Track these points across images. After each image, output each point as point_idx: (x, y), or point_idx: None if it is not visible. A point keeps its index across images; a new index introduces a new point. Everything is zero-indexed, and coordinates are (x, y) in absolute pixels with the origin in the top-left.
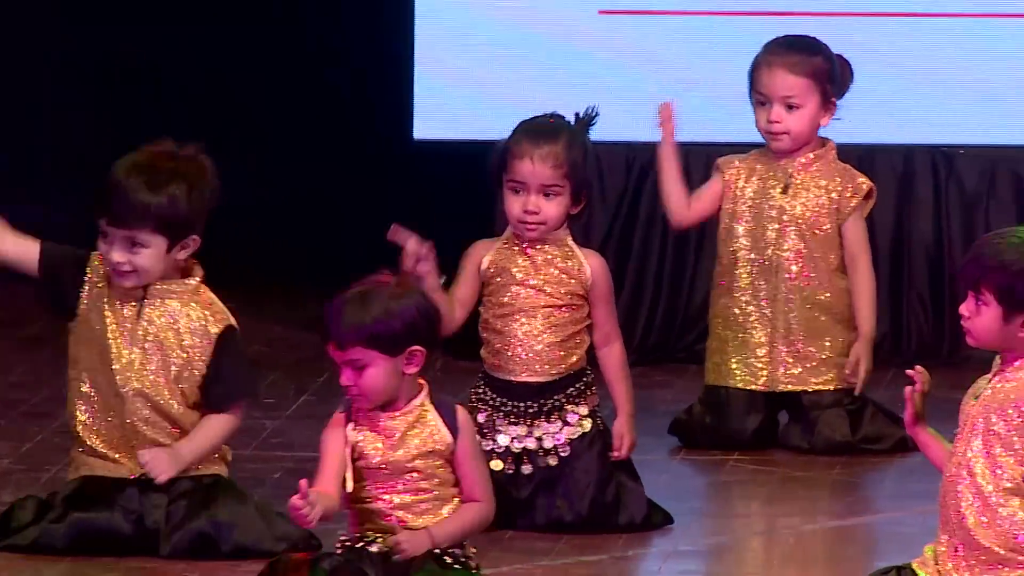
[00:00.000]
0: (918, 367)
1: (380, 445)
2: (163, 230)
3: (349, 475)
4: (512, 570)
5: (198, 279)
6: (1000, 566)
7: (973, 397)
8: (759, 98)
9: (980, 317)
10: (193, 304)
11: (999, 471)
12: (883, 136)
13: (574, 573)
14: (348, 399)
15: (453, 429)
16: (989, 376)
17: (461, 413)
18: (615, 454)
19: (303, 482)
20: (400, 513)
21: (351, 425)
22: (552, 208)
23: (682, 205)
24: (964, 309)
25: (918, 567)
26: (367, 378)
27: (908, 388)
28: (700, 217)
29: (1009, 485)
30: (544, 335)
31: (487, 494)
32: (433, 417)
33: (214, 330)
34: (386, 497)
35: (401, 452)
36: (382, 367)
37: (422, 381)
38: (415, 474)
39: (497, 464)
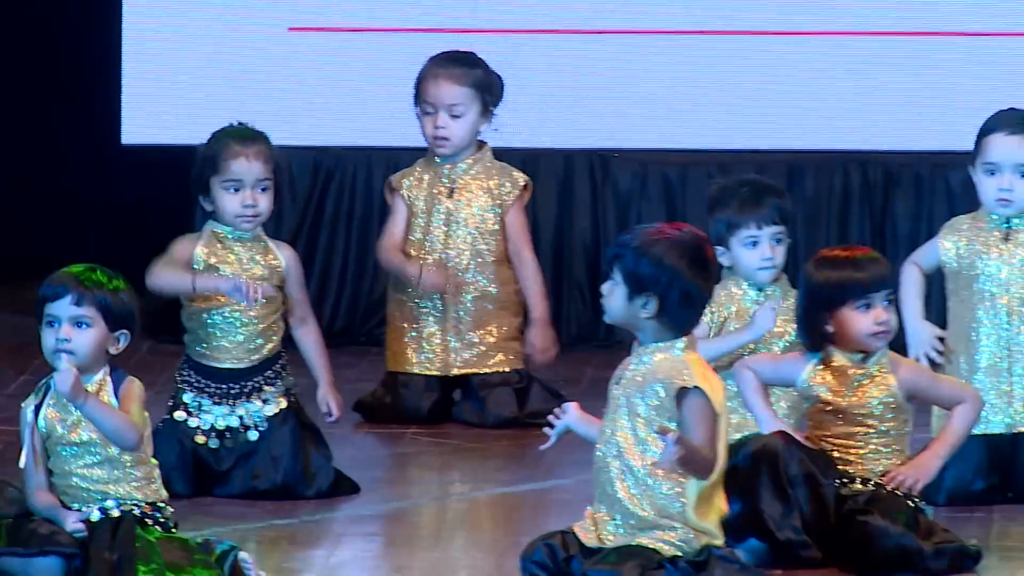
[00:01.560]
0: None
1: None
2: None
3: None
4: (211, 532)
5: None
6: (654, 530)
7: (617, 380)
8: (425, 108)
9: (612, 296)
10: None
11: (645, 449)
12: (545, 141)
13: (266, 535)
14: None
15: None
16: (631, 359)
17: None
18: None
19: None
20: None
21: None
22: (265, 201)
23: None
24: (603, 288)
25: (579, 531)
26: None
27: None
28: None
29: (650, 458)
30: (247, 326)
31: None
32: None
33: None
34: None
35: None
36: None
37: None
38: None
39: (201, 439)
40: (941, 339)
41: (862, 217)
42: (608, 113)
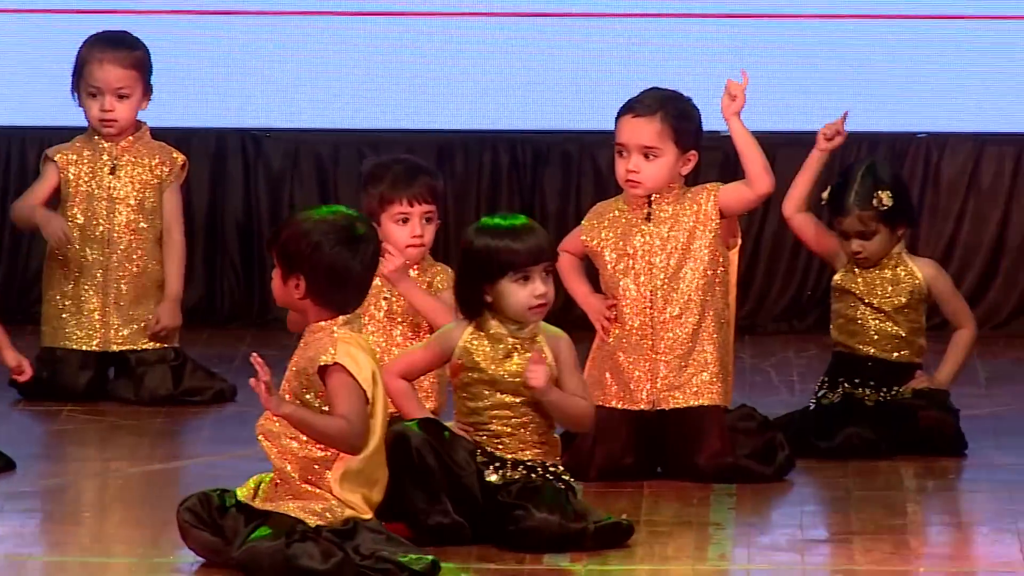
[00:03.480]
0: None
1: None
2: None
3: None
4: None
5: None
6: (301, 499)
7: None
8: (90, 90)
9: (274, 280)
10: None
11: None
12: (197, 120)
13: None
14: None
15: None
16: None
17: None
18: None
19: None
20: None
21: None
22: None
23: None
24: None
25: (239, 491)
26: None
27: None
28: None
29: (304, 436)
30: None
31: None
32: None
33: None
34: None
35: None
36: None
37: None
38: None
39: None
40: (613, 307)
41: (511, 195)
42: (260, 93)
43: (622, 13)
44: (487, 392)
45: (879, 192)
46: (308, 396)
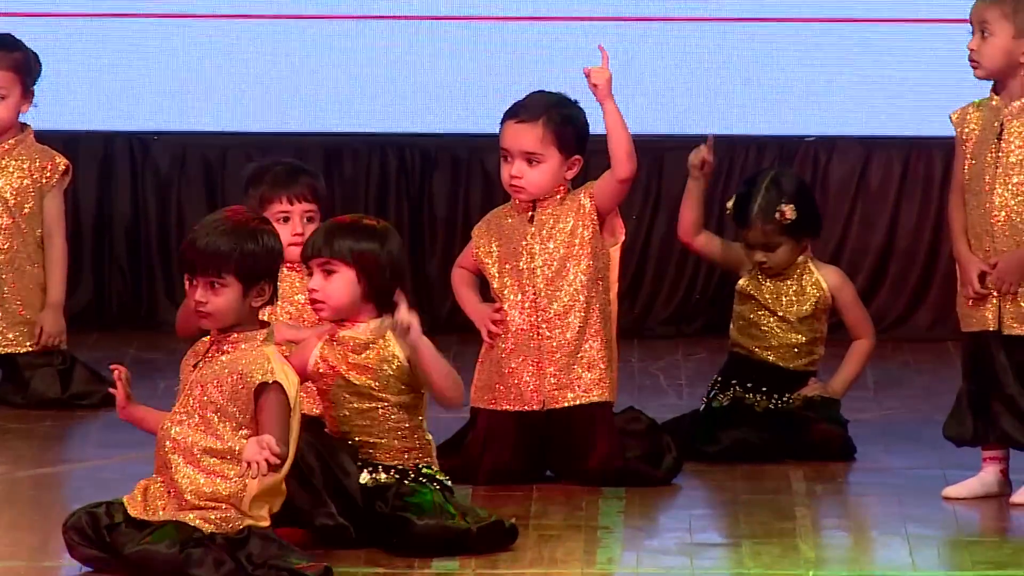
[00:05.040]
0: (115, 365)
1: None
2: None
3: None
4: None
5: None
6: (200, 509)
7: (193, 364)
8: None
9: (222, 299)
10: None
11: (210, 433)
12: (85, 123)
13: None
14: None
15: None
16: (210, 345)
17: None
18: None
19: None
20: None
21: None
22: None
23: None
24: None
25: (127, 501)
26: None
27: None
28: None
29: (219, 446)
30: None
31: None
32: None
33: None
34: None
35: None
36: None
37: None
38: None
39: None
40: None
41: (399, 199)
42: (148, 96)
43: (507, 17)
44: (346, 397)
45: (782, 206)
46: (233, 409)
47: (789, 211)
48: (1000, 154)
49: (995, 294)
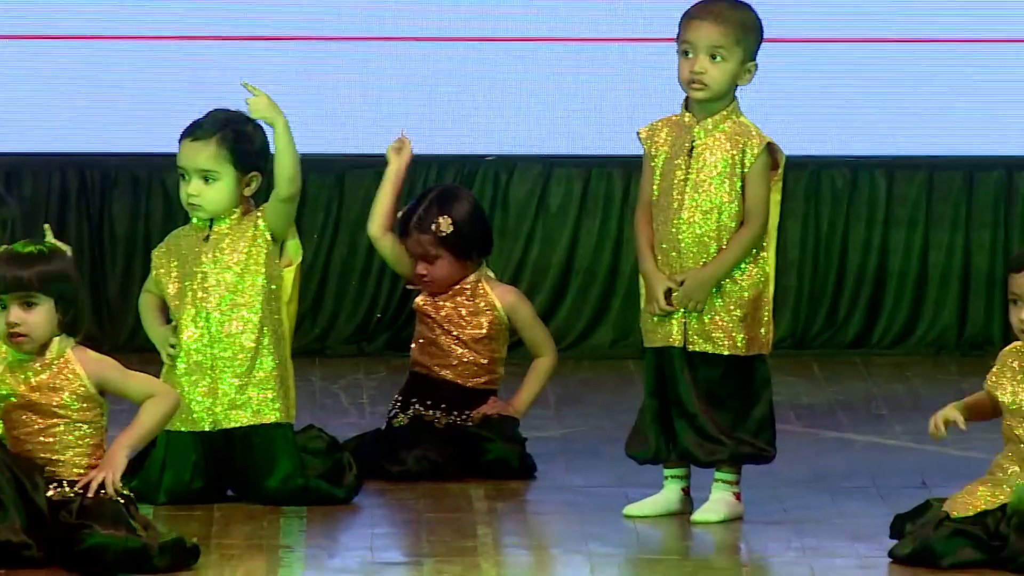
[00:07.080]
0: None
1: None
2: None
3: None
4: None
5: None
6: None
7: None
8: None
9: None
10: None
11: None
12: None
13: None
14: None
15: None
16: None
17: None
18: None
19: None
20: None
21: None
22: None
23: None
24: None
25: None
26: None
27: None
28: None
29: None
30: None
31: None
32: None
33: None
34: None
35: None
36: None
37: None
38: None
39: None
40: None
41: (80, 219)
42: None
43: (186, 36)
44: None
45: (439, 218)
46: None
47: (444, 223)
48: (690, 171)
49: (681, 311)
